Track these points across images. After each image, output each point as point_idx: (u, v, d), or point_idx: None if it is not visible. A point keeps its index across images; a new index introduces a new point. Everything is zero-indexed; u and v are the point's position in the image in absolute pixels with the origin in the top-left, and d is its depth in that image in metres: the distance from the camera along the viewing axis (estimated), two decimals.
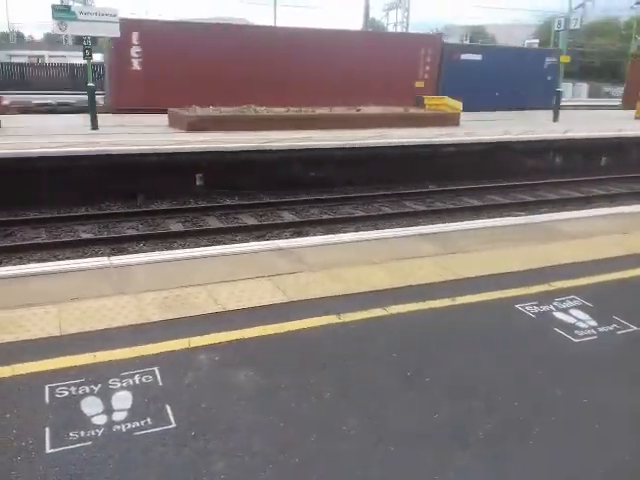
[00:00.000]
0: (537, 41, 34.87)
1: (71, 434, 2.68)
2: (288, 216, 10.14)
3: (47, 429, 2.70)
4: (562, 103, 19.47)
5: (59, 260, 7.20)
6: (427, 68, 21.71)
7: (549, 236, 6.02)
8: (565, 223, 6.63)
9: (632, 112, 20.42)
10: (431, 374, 3.29)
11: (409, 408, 2.99)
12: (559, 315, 4.08)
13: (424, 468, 2.57)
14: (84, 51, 11.62)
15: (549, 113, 18.33)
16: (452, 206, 11.03)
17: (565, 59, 16.79)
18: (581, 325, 3.93)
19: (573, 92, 40.69)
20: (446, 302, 4.25)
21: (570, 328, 3.90)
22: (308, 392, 3.07)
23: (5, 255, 7.69)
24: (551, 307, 4.20)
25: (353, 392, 3.10)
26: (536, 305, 4.23)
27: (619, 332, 3.87)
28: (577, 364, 3.48)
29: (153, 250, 7.80)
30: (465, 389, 3.17)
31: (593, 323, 3.96)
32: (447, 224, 6.97)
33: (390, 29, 31.65)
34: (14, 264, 7.16)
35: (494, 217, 9.19)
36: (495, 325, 3.96)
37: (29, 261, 7.40)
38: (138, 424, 2.77)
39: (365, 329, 3.81)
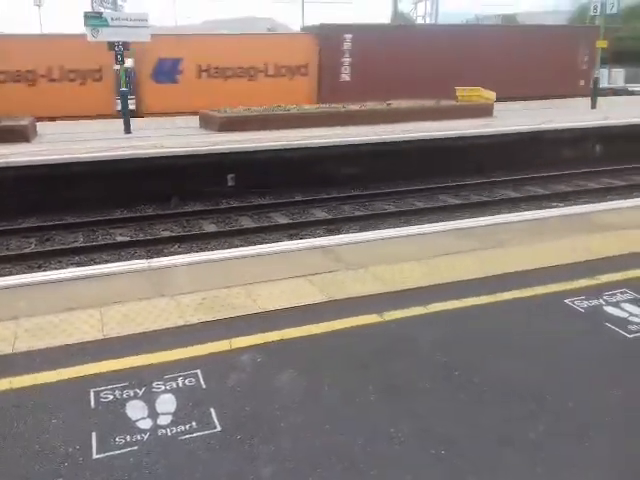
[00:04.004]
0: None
1: (117, 439, 2.67)
2: (320, 213, 10.08)
3: (93, 434, 2.70)
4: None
5: (97, 263, 7.31)
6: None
7: (592, 227, 5.81)
8: (607, 214, 6.40)
9: None
10: (479, 374, 3.18)
11: (457, 411, 2.89)
12: (610, 309, 3.92)
13: (473, 472, 2.47)
14: (116, 56, 11.76)
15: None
16: (488, 199, 10.81)
17: (602, 44, 16.27)
18: (634, 320, 3.76)
19: (609, 77, 39.55)
20: (489, 299, 4.13)
21: (623, 323, 3.73)
22: (353, 394, 3.00)
23: (45, 259, 7.83)
24: (601, 301, 4.04)
25: (399, 394, 3.02)
26: (585, 299, 4.07)
27: None
28: (634, 361, 3.33)
29: (188, 251, 7.85)
30: (515, 390, 3.05)
31: None
32: (485, 218, 6.80)
33: (419, 21, 31.25)
34: (54, 268, 7.29)
35: (531, 209, 8.97)
36: (542, 321, 3.82)
37: (68, 265, 7.52)
38: (183, 428, 2.75)
39: (407, 328, 3.72)
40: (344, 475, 2.47)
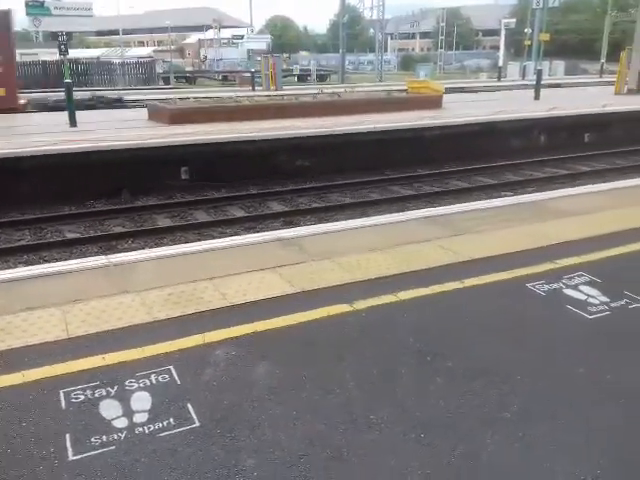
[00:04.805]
0: (514, 20, 34.87)
1: (93, 439, 2.58)
2: (277, 206, 10.02)
3: (67, 435, 2.60)
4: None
5: (47, 261, 7.03)
6: None
7: (545, 215, 6.02)
8: (558, 201, 6.65)
9: None
10: (452, 359, 3.25)
11: (433, 395, 2.94)
12: (569, 292, 4.08)
13: (452, 452, 2.53)
14: (59, 47, 11.29)
15: None
16: (440, 189, 11.02)
17: (544, 37, 16.83)
18: (593, 301, 3.93)
19: (550, 70, 41.01)
20: (455, 285, 4.22)
21: (582, 305, 3.89)
22: (331, 383, 3.01)
23: None
24: (561, 284, 4.19)
25: (377, 380, 3.05)
26: (545, 283, 4.21)
27: (631, 306, 3.87)
28: (595, 340, 3.48)
29: (142, 247, 7.66)
30: (487, 372, 3.13)
31: (604, 299, 3.96)
32: (443, 207, 6.94)
33: (366, 14, 31.32)
34: (1, 267, 6.97)
35: (482, 199, 9.22)
36: (508, 305, 3.94)
37: (16, 264, 7.20)
38: (161, 425, 2.69)
39: (379, 316, 3.75)
40: (329, 463, 2.47)
